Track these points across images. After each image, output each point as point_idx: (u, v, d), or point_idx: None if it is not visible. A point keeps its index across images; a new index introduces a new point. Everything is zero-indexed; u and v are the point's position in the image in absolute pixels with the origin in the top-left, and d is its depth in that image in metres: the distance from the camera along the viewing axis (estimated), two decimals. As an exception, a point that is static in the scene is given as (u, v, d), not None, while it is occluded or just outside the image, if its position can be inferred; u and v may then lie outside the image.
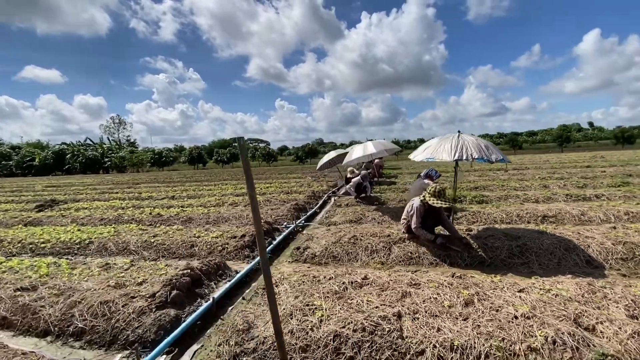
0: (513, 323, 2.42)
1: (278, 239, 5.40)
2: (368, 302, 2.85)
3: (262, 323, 2.74)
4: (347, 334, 2.46)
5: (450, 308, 2.70)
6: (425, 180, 6.69)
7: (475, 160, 4.07)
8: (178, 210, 8.20)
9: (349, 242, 4.70)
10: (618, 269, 3.65)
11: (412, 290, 3.00)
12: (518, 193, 7.95)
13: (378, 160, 14.25)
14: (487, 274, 3.50)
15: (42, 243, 5.70)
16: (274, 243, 5.20)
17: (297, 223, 6.48)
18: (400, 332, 2.45)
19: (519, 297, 2.79)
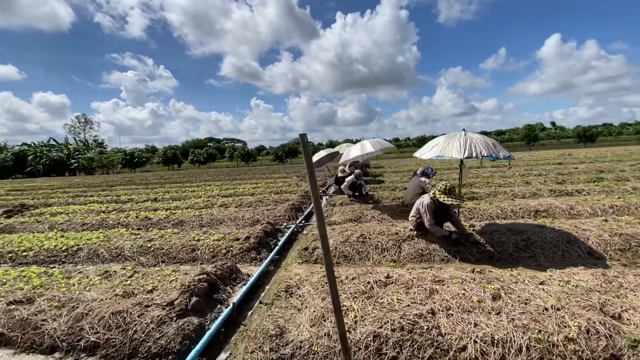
0: (545, 315, 2.50)
1: (282, 240, 5.29)
2: (398, 300, 2.84)
3: (293, 327, 2.65)
4: (386, 334, 2.43)
5: (480, 303, 2.74)
6: (422, 178, 6.81)
7: (485, 158, 4.17)
8: (167, 213, 7.84)
9: (358, 241, 4.68)
10: (618, 259, 3.88)
11: (437, 287, 3.03)
12: (505, 189, 8.27)
13: (363, 159, 14.37)
14: (503, 269, 3.59)
15: (23, 251, 5.24)
16: (279, 244, 5.09)
17: (297, 223, 6.38)
18: (438, 329, 2.45)
19: (542, 289, 2.88)
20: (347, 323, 2.58)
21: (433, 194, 4.32)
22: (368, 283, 3.16)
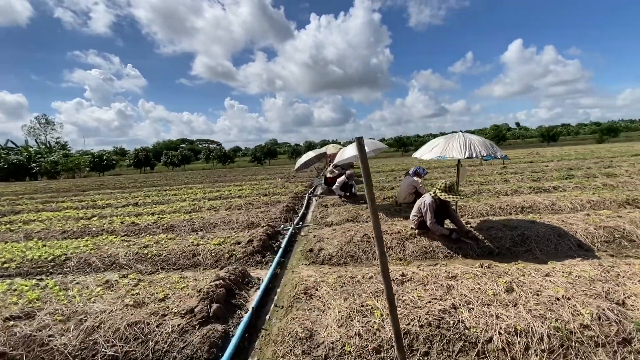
0: (558, 304, 2.67)
1: (284, 242, 5.26)
2: (419, 297, 2.92)
3: (321, 329, 2.66)
4: (415, 330, 2.50)
5: (496, 296, 2.88)
6: (414, 178, 7.01)
7: (484, 158, 4.37)
8: (155, 218, 7.55)
9: (362, 240, 4.75)
10: (605, 250, 4.20)
11: (452, 283, 3.15)
12: (488, 187, 8.67)
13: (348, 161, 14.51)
14: (504, 263, 3.79)
15: (3, 263, 4.86)
16: (282, 246, 5.05)
17: (295, 225, 6.36)
18: (463, 323, 2.56)
19: (549, 280, 3.07)
20: (375, 322, 2.63)
21: (434, 193, 4.47)
22: (386, 282, 3.22)
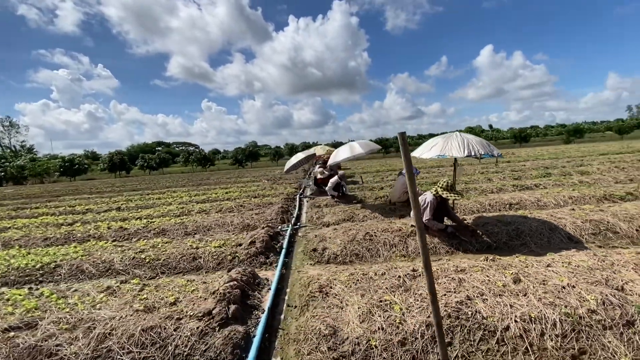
0: (564, 292, 2.83)
1: (285, 243, 5.24)
2: (434, 291, 3.00)
3: (343, 325, 2.68)
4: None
5: (506, 287, 3.01)
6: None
7: (482, 156, 4.56)
8: (145, 222, 7.29)
9: (365, 239, 4.81)
10: (593, 242, 4.48)
11: (463, 276, 3.26)
12: (475, 186, 9.01)
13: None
14: (506, 256, 3.96)
15: (-14, 273, 4.54)
16: (285, 247, 5.03)
17: (293, 226, 6.34)
18: (480, 313, 2.66)
19: (552, 271, 3.25)
20: (396, 316, 2.68)
21: (435, 191, 4.61)
22: (399, 277, 3.29)
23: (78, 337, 2.71)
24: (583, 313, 2.58)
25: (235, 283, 3.15)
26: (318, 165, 16.32)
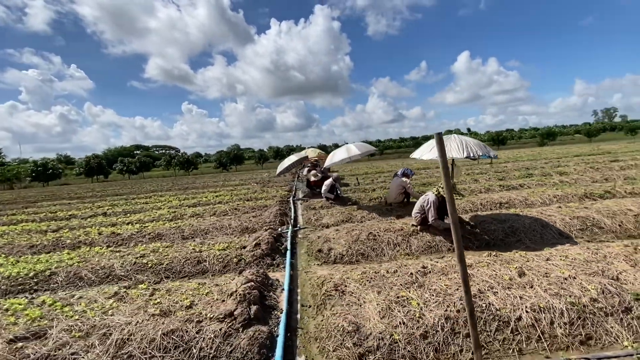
0: (567, 283, 3.02)
1: (289, 245, 5.26)
2: (447, 286, 3.13)
3: (364, 321, 2.75)
4: (454, 315, 2.69)
5: (512, 280, 3.18)
6: (403, 179, 7.35)
7: (480, 157, 4.76)
8: (138, 227, 7.11)
9: (368, 239, 4.91)
10: (581, 237, 4.77)
11: (470, 272, 3.40)
12: (464, 187, 9.33)
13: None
14: (504, 252, 4.15)
15: (-25, 283, 4.30)
16: (289, 249, 5.05)
17: (292, 228, 6.36)
18: (493, 305, 2.80)
19: (552, 264, 3.45)
20: (415, 311, 2.78)
21: (437, 191, 4.77)
22: (411, 274, 3.40)
23: (94, 344, 2.65)
24: (586, 302, 2.76)
25: (253, 284, 3.16)
26: (307, 168, 16.40)
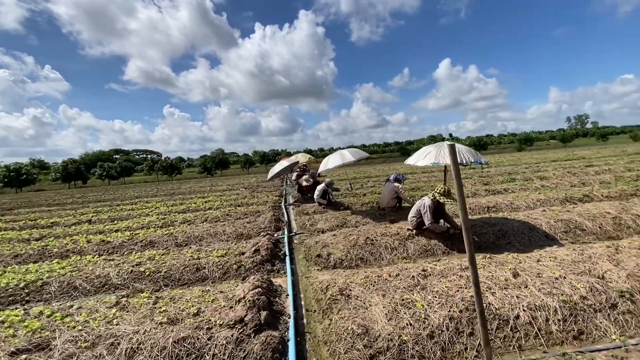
0: (558, 283, 3.22)
1: (287, 250, 5.30)
2: (447, 287, 3.27)
3: (372, 324, 2.84)
4: (457, 315, 2.83)
5: (508, 281, 3.35)
6: (395, 184, 7.53)
7: (472, 164, 4.98)
8: (129, 234, 6.96)
9: (366, 243, 5.02)
10: (566, 239, 5.05)
11: (468, 274, 3.56)
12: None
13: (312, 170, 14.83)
14: (496, 254, 4.35)
15: (-39, 295, 4.12)
16: (288, 254, 5.09)
17: (288, 234, 6.40)
18: (492, 304, 2.95)
19: (543, 265, 3.66)
20: (420, 312, 2.90)
21: (433, 196, 4.95)
22: (413, 277, 3.53)
23: (102, 354, 2.62)
24: (577, 299, 2.96)
25: (260, 290, 3.19)
26: (296, 173, 16.44)
